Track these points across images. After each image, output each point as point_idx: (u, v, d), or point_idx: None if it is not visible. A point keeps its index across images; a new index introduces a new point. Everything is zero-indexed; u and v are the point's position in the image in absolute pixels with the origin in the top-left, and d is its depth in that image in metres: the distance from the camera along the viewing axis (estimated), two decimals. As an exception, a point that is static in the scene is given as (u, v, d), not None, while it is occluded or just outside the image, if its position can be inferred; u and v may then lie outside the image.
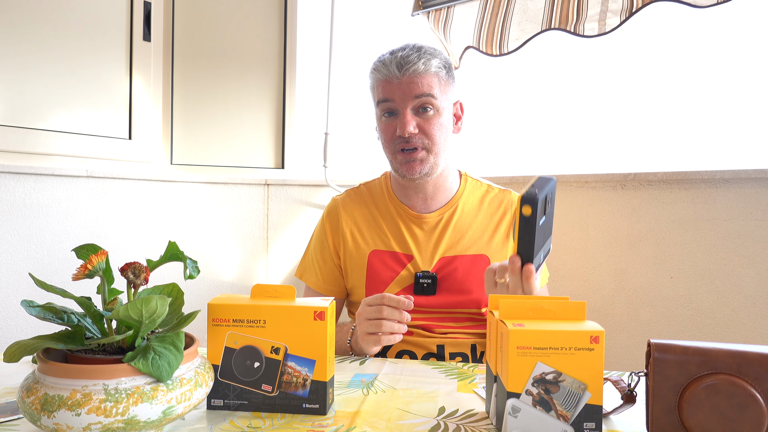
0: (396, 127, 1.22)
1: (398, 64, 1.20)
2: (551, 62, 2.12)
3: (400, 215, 1.31)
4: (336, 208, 1.35)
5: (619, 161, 1.96)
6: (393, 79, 1.21)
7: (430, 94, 1.21)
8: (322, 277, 1.33)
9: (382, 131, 1.26)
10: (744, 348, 0.68)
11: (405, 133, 1.20)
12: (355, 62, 2.38)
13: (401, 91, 1.21)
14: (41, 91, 1.76)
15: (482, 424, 0.77)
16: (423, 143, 1.22)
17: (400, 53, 1.22)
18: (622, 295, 1.73)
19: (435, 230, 1.28)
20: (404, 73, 1.20)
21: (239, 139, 2.22)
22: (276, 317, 0.78)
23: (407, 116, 1.20)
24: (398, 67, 1.20)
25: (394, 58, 1.22)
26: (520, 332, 0.69)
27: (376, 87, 1.26)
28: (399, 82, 1.21)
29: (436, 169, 1.25)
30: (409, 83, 1.20)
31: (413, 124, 1.20)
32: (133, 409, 0.61)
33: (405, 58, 1.20)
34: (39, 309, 0.67)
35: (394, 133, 1.23)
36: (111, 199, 1.82)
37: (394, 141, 1.23)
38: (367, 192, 1.37)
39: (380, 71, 1.23)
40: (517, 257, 0.92)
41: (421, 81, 1.20)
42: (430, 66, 1.21)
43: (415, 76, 1.20)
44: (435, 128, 1.22)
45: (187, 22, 2.13)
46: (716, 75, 1.85)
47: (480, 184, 1.36)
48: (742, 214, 1.57)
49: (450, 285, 1.24)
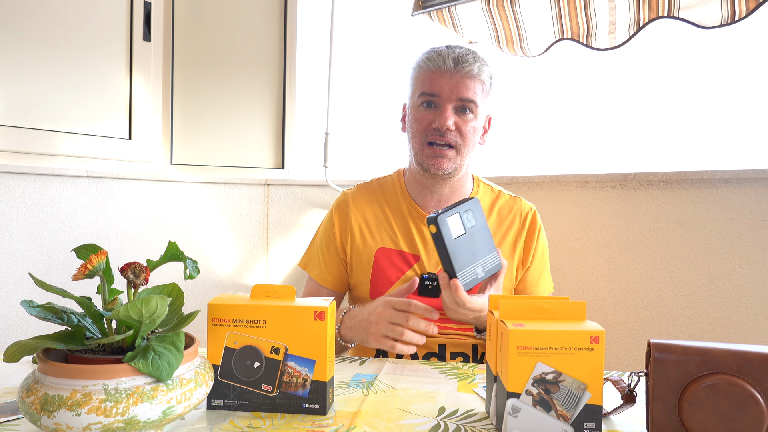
0: (432, 119, 1.21)
1: (455, 59, 1.20)
2: (552, 63, 2.12)
3: (411, 214, 1.31)
4: (346, 202, 1.35)
5: (619, 161, 1.96)
6: (446, 72, 1.20)
7: (474, 100, 1.21)
8: (326, 270, 1.33)
9: (416, 119, 1.24)
10: (744, 348, 0.68)
11: (443, 126, 1.19)
12: (355, 62, 2.38)
13: (449, 87, 1.20)
14: (41, 91, 1.76)
15: (482, 424, 0.77)
16: (456, 141, 1.22)
17: (458, 50, 1.22)
18: (622, 295, 1.73)
19: None
20: (459, 71, 1.20)
21: (239, 139, 2.22)
22: (276, 317, 0.78)
23: (448, 111, 1.20)
24: (454, 62, 1.20)
25: (451, 52, 1.21)
26: (520, 332, 0.69)
27: (422, 76, 1.24)
28: (450, 77, 1.20)
29: (459, 171, 1.25)
30: (459, 81, 1.20)
31: (452, 120, 1.20)
32: (133, 409, 0.61)
33: (463, 56, 1.21)
34: (39, 309, 0.67)
35: (430, 125, 1.22)
36: (111, 199, 1.82)
37: (426, 132, 1.22)
38: (378, 188, 1.37)
39: (433, 61, 1.22)
40: (444, 273, 1.00)
41: (471, 84, 1.21)
42: (482, 72, 1.22)
43: (467, 77, 1.20)
44: (470, 131, 1.23)
45: (187, 22, 2.13)
46: (716, 75, 1.85)
47: (491, 190, 1.36)
48: (742, 214, 1.57)
49: None
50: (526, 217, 1.31)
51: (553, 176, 1.81)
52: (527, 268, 1.30)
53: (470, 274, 1.00)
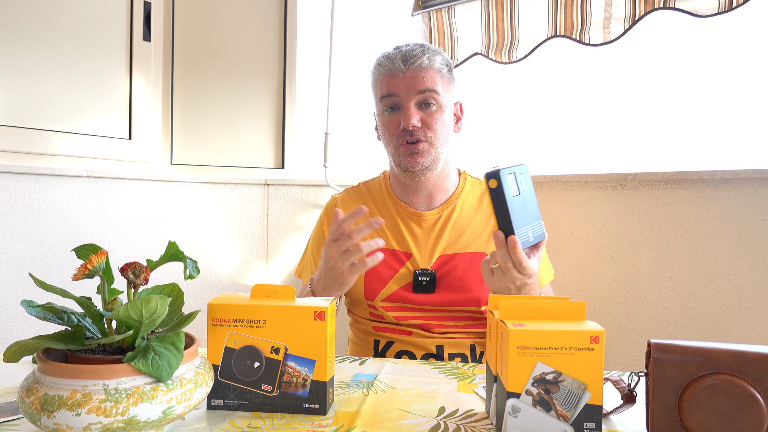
0: (399, 121, 1.23)
1: (403, 57, 1.22)
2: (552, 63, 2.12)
3: (399, 213, 1.31)
4: (334, 206, 1.35)
5: (619, 161, 1.96)
6: (398, 72, 1.22)
7: (434, 90, 1.22)
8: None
9: (385, 126, 1.26)
10: (744, 348, 0.68)
11: (409, 125, 1.20)
12: (355, 62, 2.38)
13: (405, 85, 1.21)
14: (41, 91, 1.76)
15: (482, 424, 0.76)
16: (426, 136, 1.23)
17: (404, 48, 1.24)
18: (622, 295, 1.73)
19: (434, 228, 1.28)
20: (409, 67, 1.21)
21: (239, 139, 2.22)
22: (276, 317, 0.78)
23: (411, 109, 1.21)
24: (403, 61, 1.21)
25: (398, 52, 1.23)
26: (520, 332, 0.69)
27: (379, 82, 1.26)
28: (403, 76, 1.21)
29: (437, 164, 1.26)
30: (413, 77, 1.21)
31: (417, 117, 1.21)
32: (133, 409, 0.61)
33: (410, 53, 1.22)
34: (39, 309, 0.67)
35: (398, 128, 1.23)
36: (111, 199, 1.82)
37: (397, 135, 1.24)
38: (366, 190, 1.38)
39: (384, 65, 1.24)
40: (499, 231, 0.94)
41: (425, 76, 1.21)
42: (434, 62, 1.23)
43: (420, 70, 1.21)
44: (438, 123, 1.23)
45: (187, 23, 2.13)
46: (716, 75, 1.85)
47: (479, 183, 1.36)
48: (742, 214, 1.57)
49: (449, 283, 1.24)
50: None
51: (553, 176, 1.81)
52: None
53: (524, 235, 0.96)
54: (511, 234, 0.94)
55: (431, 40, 2.22)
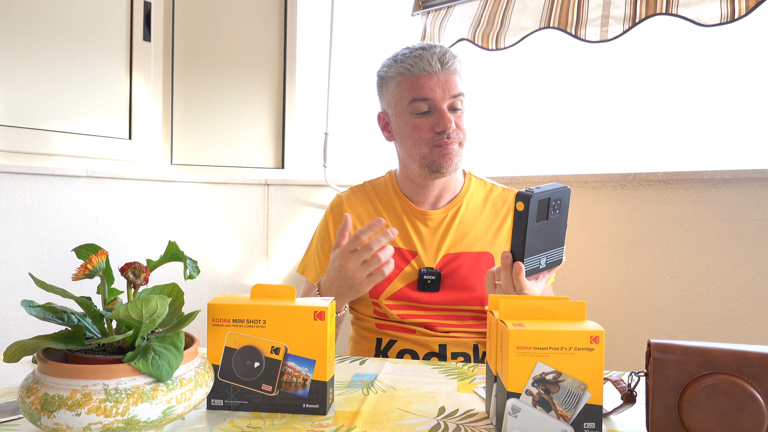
0: (431, 124, 1.21)
1: (440, 59, 1.20)
2: (552, 62, 2.12)
3: (405, 211, 1.31)
4: (340, 204, 1.35)
5: (619, 161, 1.96)
6: (433, 73, 1.20)
7: (462, 93, 1.23)
8: (322, 272, 1.33)
9: (415, 129, 1.23)
10: (744, 348, 0.68)
11: (448, 128, 1.20)
12: (355, 62, 2.38)
13: (441, 88, 1.20)
14: (41, 91, 1.76)
15: (482, 424, 0.76)
16: (459, 138, 1.23)
17: (436, 49, 1.21)
18: (622, 295, 1.73)
19: (440, 227, 1.29)
20: (446, 70, 1.20)
21: (239, 139, 2.22)
22: (276, 317, 0.78)
23: (447, 113, 1.21)
24: (441, 62, 1.20)
25: (433, 53, 1.20)
26: (520, 332, 0.69)
27: (406, 84, 1.22)
28: (438, 78, 1.20)
29: (461, 164, 1.27)
30: (446, 80, 1.21)
31: (453, 119, 1.21)
32: (133, 409, 0.61)
33: (445, 55, 1.21)
34: (39, 309, 0.67)
35: (431, 130, 1.22)
36: (111, 199, 1.82)
37: (431, 138, 1.22)
38: (371, 189, 1.37)
39: (417, 66, 1.20)
40: (508, 253, 0.95)
41: (456, 79, 1.23)
42: (461, 66, 1.24)
43: (454, 74, 1.22)
44: (465, 125, 1.25)
45: (187, 22, 2.13)
46: (716, 75, 1.85)
47: (484, 183, 1.36)
48: (742, 214, 1.57)
49: (454, 282, 1.24)
50: None
51: (553, 176, 1.81)
52: None
53: (534, 262, 0.97)
54: (520, 260, 0.94)
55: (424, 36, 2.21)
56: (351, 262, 1.05)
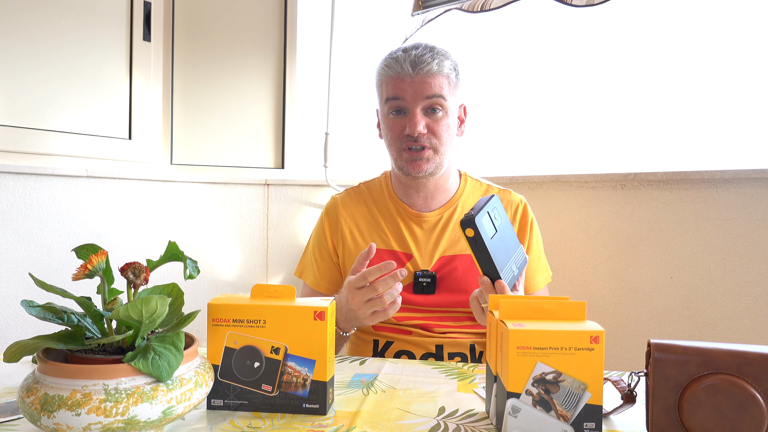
0: (404, 126, 1.21)
1: (412, 62, 1.19)
2: (552, 63, 2.12)
3: (399, 214, 1.31)
4: (335, 207, 1.35)
5: (619, 161, 1.96)
6: (405, 77, 1.20)
7: (441, 95, 1.20)
8: (320, 275, 1.33)
9: (389, 129, 1.25)
10: (744, 348, 0.68)
11: (415, 132, 1.19)
12: (355, 62, 2.38)
13: (413, 90, 1.20)
14: (41, 91, 1.76)
15: (482, 424, 0.76)
16: (431, 143, 1.22)
17: (413, 52, 1.21)
18: (622, 295, 1.73)
19: (435, 229, 1.28)
20: (417, 73, 1.19)
21: (239, 139, 2.22)
22: (276, 317, 0.78)
23: (417, 116, 1.20)
24: (412, 66, 1.19)
25: (408, 56, 1.20)
26: (520, 332, 0.69)
27: (384, 84, 1.24)
28: (411, 81, 1.20)
29: (440, 169, 1.26)
30: (421, 83, 1.19)
31: (423, 123, 1.20)
32: (133, 409, 0.61)
33: (419, 57, 1.19)
34: (39, 309, 0.67)
35: (402, 132, 1.22)
36: (111, 199, 1.82)
37: (401, 139, 1.23)
38: (366, 191, 1.37)
39: (392, 68, 1.21)
40: (485, 277, 0.96)
41: (434, 81, 1.20)
42: (443, 67, 1.21)
43: (428, 76, 1.19)
44: (443, 129, 1.22)
45: (187, 22, 2.13)
46: (717, 75, 1.85)
47: (480, 184, 1.36)
48: (742, 214, 1.57)
49: (449, 284, 1.24)
50: (517, 209, 1.31)
51: (553, 176, 1.81)
52: None
53: (509, 272, 0.97)
54: (497, 278, 0.95)
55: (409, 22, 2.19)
56: (357, 297, 1.04)
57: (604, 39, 1.94)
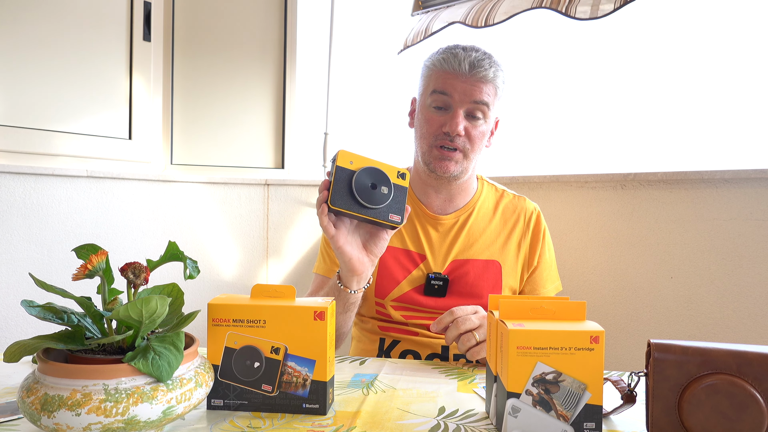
0: (443, 123, 1.20)
1: (471, 63, 1.19)
2: (552, 63, 2.12)
3: (417, 214, 1.31)
4: None
5: (619, 161, 1.96)
6: (460, 75, 1.19)
7: (486, 103, 1.20)
8: (332, 262, 1.31)
9: (427, 121, 1.23)
10: (744, 348, 0.68)
11: (454, 132, 1.19)
12: (355, 62, 2.38)
13: (463, 90, 1.19)
14: (41, 91, 1.76)
15: (482, 424, 0.76)
16: (464, 146, 1.21)
17: (473, 53, 1.20)
18: (622, 295, 1.73)
19: (450, 232, 1.28)
20: (473, 75, 1.19)
21: (239, 139, 2.22)
22: (276, 317, 0.78)
23: (459, 116, 1.19)
24: (470, 66, 1.18)
25: (467, 55, 1.19)
26: (520, 332, 0.69)
27: (435, 75, 1.22)
28: (464, 81, 1.19)
29: (465, 174, 1.25)
30: (473, 85, 1.19)
31: (463, 125, 1.19)
32: (133, 409, 0.61)
33: (478, 61, 1.19)
34: (39, 309, 0.67)
35: (440, 128, 1.21)
36: (111, 199, 1.82)
37: (436, 135, 1.21)
38: None
39: (448, 62, 1.20)
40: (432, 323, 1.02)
41: (485, 88, 1.20)
42: (497, 77, 1.21)
43: (482, 81, 1.19)
44: (479, 136, 1.22)
45: (187, 22, 2.13)
46: (717, 75, 1.85)
47: (495, 189, 1.36)
48: (742, 214, 1.57)
49: (461, 288, 1.24)
50: (530, 218, 1.31)
51: (553, 176, 1.81)
52: (533, 269, 1.31)
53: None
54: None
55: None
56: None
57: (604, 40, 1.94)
